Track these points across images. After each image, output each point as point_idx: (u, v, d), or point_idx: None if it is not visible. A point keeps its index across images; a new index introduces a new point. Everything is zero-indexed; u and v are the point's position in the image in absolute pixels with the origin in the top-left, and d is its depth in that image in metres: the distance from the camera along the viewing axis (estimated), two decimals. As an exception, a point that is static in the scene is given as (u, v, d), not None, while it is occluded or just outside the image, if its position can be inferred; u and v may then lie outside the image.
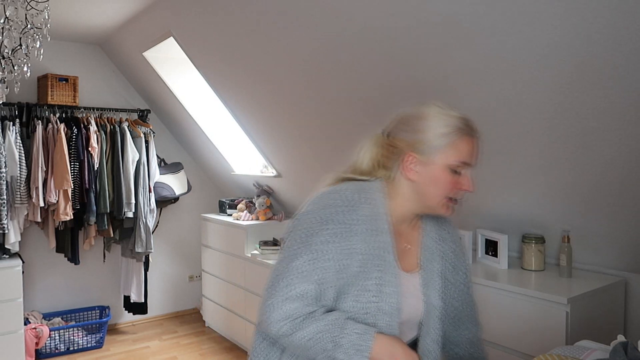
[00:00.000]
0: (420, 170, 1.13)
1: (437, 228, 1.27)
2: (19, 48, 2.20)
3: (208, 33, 2.83)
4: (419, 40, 1.92)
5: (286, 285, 1.08)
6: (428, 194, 1.14)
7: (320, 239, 1.09)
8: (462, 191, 1.14)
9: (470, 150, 1.12)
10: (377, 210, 1.14)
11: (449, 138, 1.10)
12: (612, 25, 1.43)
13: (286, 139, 3.20)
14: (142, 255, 3.94)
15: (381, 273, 1.11)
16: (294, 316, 1.07)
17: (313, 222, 1.12)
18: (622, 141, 1.72)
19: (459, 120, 1.12)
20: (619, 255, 2.11)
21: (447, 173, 1.11)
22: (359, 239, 1.10)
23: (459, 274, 1.28)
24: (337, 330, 1.05)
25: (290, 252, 1.11)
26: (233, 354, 3.77)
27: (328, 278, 1.09)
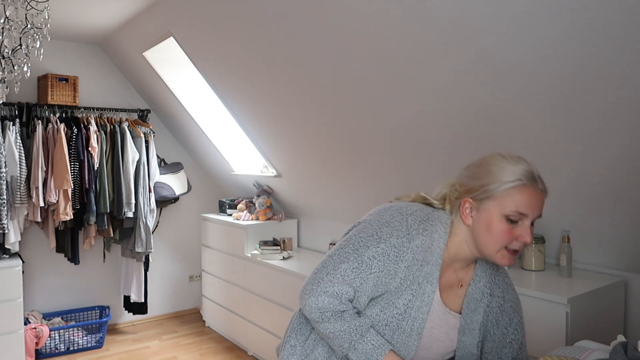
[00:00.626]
0: (475, 216, 1.15)
1: (490, 280, 1.26)
2: (19, 48, 2.20)
3: (208, 33, 2.83)
4: (418, 42, 1.92)
5: (329, 281, 1.17)
6: (482, 240, 1.14)
7: (370, 253, 1.16)
8: (518, 242, 1.11)
9: (528, 201, 1.09)
10: (432, 243, 1.17)
11: (506, 186, 1.10)
12: (613, 26, 1.43)
13: (286, 139, 3.20)
14: (142, 255, 3.94)
15: (413, 297, 1.17)
16: (326, 309, 1.17)
17: (370, 234, 1.18)
18: (622, 141, 1.72)
19: (521, 170, 1.10)
20: (619, 255, 2.11)
21: (502, 222, 1.10)
22: (404, 265, 1.16)
23: (507, 331, 1.26)
24: (357, 335, 1.16)
25: (343, 253, 1.19)
26: (233, 354, 3.77)
27: (365, 288, 1.16)
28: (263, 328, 3.47)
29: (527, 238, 1.10)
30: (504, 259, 1.13)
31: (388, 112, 2.36)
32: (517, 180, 1.09)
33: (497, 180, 1.10)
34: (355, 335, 1.15)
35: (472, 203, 1.14)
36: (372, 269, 1.15)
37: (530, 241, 1.11)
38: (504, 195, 1.09)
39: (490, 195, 1.11)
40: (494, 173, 1.12)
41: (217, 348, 3.88)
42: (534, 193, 1.10)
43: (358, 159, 2.82)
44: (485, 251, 1.14)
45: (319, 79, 2.51)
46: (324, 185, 3.29)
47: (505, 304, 1.26)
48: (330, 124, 2.74)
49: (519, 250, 1.13)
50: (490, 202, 1.11)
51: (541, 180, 1.12)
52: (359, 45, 2.14)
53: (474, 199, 1.14)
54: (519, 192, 1.09)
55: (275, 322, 3.34)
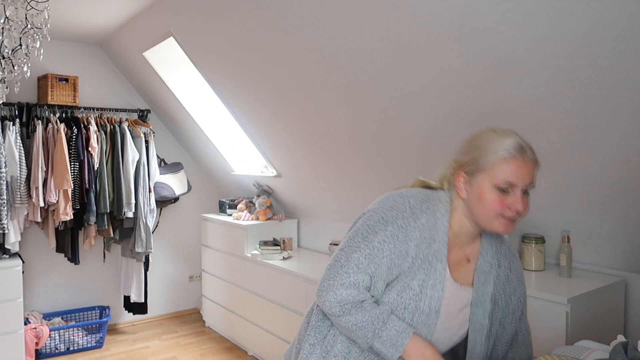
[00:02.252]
0: (469, 189, 1.20)
1: (496, 252, 1.31)
2: (19, 48, 2.20)
3: (208, 33, 2.83)
4: (418, 41, 1.92)
5: (344, 273, 1.20)
6: (477, 212, 1.19)
7: (379, 238, 1.19)
8: (511, 211, 1.15)
9: (516, 171, 1.14)
10: (436, 221, 1.22)
11: (495, 158, 1.14)
12: (611, 25, 1.43)
13: (286, 139, 3.20)
14: (142, 255, 3.94)
15: (426, 276, 1.20)
16: (346, 302, 1.20)
17: (377, 221, 1.22)
18: (622, 141, 1.72)
19: (509, 143, 1.15)
20: (619, 255, 2.11)
21: (493, 192, 1.15)
22: (413, 244, 1.19)
23: (511, 300, 1.31)
24: (379, 323, 1.18)
25: (353, 244, 1.22)
26: (233, 354, 3.77)
27: (380, 272, 1.19)
28: (263, 328, 3.47)
29: (519, 206, 1.14)
30: (502, 225, 1.17)
31: (389, 112, 2.36)
32: (505, 151, 1.14)
33: (486, 153, 1.16)
34: (378, 323, 1.17)
35: (465, 177, 1.20)
36: (384, 253, 1.18)
37: (522, 209, 1.15)
38: (493, 166, 1.14)
39: (481, 168, 1.16)
40: (484, 147, 1.17)
41: (217, 348, 3.88)
42: (522, 163, 1.14)
43: (358, 159, 2.82)
44: (481, 222, 1.19)
45: (320, 78, 2.51)
46: (324, 185, 3.29)
47: (511, 274, 1.32)
48: (331, 123, 2.74)
49: (514, 218, 1.16)
50: (481, 175, 1.16)
51: (531, 151, 1.17)
52: (362, 45, 2.14)
53: (467, 172, 1.19)
54: (507, 163, 1.14)
55: (276, 322, 3.34)
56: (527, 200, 1.17)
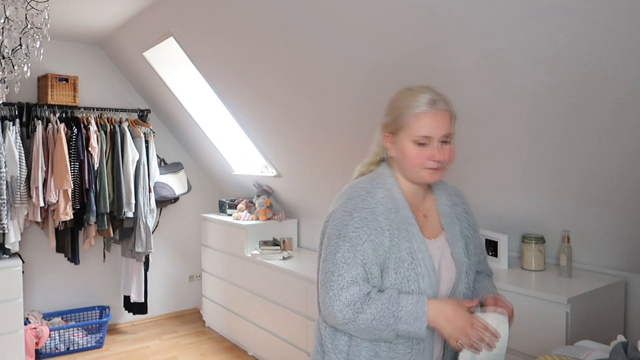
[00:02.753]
0: (395, 147, 1.29)
1: (447, 195, 1.40)
2: (19, 48, 2.20)
3: (208, 33, 2.83)
4: (417, 40, 1.92)
5: (338, 276, 1.21)
6: (404, 166, 1.28)
7: (351, 227, 1.22)
8: (432, 162, 1.23)
9: (429, 124, 1.22)
10: (390, 191, 1.28)
11: (409, 114, 1.23)
12: (610, 25, 1.43)
13: (286, 139, 3.20)
14: (142, 255, 3.94)
15: (409, 243, 1.23)
16: (354, 301, 1.19)
17: (342, 215, 1.25)
18: (622, 141, 1.72)
19: (421, 99, 1.23)
20: (619, 255, 2.11)
21: (412, 146, 1.24)
22: (383, 218, 1.23)
23: (473, 228, 1.41)
24: (394, 305, 1.18)
25: (331, 247, 1.25)
26: (233, 354, 3.77)
27: (369, 257, 1.21)
28: (263, 328, 3.47)
29: (438, 156, 1.22)
30: (428, 175, 1.25)
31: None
32: (417, 108, 1.22)
33: (402, 111, 1.25)
34: (393, 305, 1.17)
35: (390, 137, 1.29)
36: (362, 237, 1.21)
37: (442, 158, 1.23)
38: (409, 123, 1.23)
39: (400, 127, 1.25)
40: (400, 106, 1.26)
41: (217, 348, 3.88)
42: (434, 116, 1.22)
43: (358, 159, 2.82)
44: (410, 175, 1.28)
45: (321, 78, 2.51)
46: (324, 185, 3.29)
47: (468, 208, 1.43)
48: (331, 123, 2.74)
49: (438, 168, 1.24)
50: (401, 132, 1.25)
51: (444, 103, 1.24)
52: (362, 45, 2.14)
53: (391, 132, 1.28)
54: (420, 118, 1.22)
55: (276, 322, 3.34)
56: (449, 148, 1.25)
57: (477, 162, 2.24)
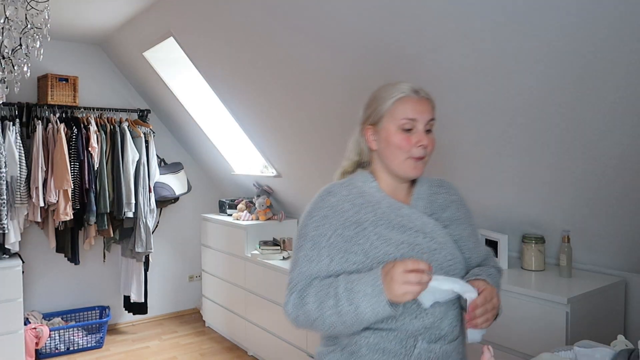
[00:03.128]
0: (377, 138, 1.24)
1: (429, 186, 1.32)
2: (19, 48, 2.20)
3: (208, 33, 2.83)
4: (415, 41, 1.92)
5: (298, 274, 1.20)
6: (388, 158, 1.23)
7: (311, 227, 1.21)
8: (418, 148, 1.19)
9: (413, 107, 1.19)
10: (362, 188, 1.25)
11: (392, 101, 1.21)
12: (612, 26, 1.43)
13: (286, 139, 3.20)
14: (142, 255, 3.94)
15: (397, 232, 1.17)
16: (301, 294, 1.17)
17: (303, 218, 1.25)
18: (622, 141, 1.72)
19: (402, 86, 1.22)
20: (619, 255, 2.11)
21: (399, 133, 1.20)
22: (352, 213, 1.19)
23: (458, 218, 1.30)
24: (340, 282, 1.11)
25: (294, 250, 1.25)
26: (233, 354, 3.77)
27: (339, 248, 1.17)
28: (263, 328, 3.47)
29: (424, 140, 1.19)
30: (411, 168, 1.21)
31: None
32: (399, 93, 1.21)
33: (384, 99, 1.22)
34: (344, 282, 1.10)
35: (372, 128, 1.25)
36: (327, 233, 1.18)
37: (426, 142, 1.19)
38: (393, 108, 1.20)
39: (382, 115, 1.22)
40: (382, 96, 1.24)
41: (217, 348, 3.88)
42: (417, 100, 1.20)
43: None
44: (393, 166, 1.22)
45: (320, 78, 2.51)
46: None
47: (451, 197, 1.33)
48: (331, 123, 2.74)
49: (423, 157, 1.20)
50: (384, 120, 1.22)
51: (424, 91, 1.23)
52: (362, 45, 2.14)
53: (372, 124, 1.25)
54: (403, 102, 1.20)
55: (276, 322, 3.34)
56: (431, 137, 1.22)
57: (477, 162, 2.24)
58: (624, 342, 1.43)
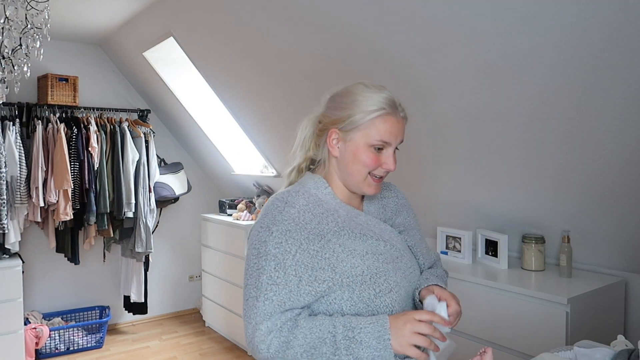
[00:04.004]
0: (342, 146, 1.15)
1: (380, 196, 1.28)
2: (19, 48, 2.20)
3: (208, 33, 2.83)
4: (413, 43, 1.92)
5: (264, 301, 1.04)
6: (349, 170, 1.15)
7: (272, 243, 1.07)
8: (382, 169, 1.14)
9: (391, 130, 1.12)
10: (318, 196, 1.16)
11: (371, 116, 1.11)
12: (608, 25, 1.43)
13: (286, 138, 3.20)
14: (142, 255, 3.94)
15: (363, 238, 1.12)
16: (279, 328, 1.03)
17: (259, 233, 1.10)
18: (622, 141, 1.72)
19: (383, 99, 1.12)
20: (619, 255, 2.11)
21: (368, 151, 1.12)
22: (314, 224, 1.09)
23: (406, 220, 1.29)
24: (342, 328, 1.01)
25: (252, 271, 1.08)
26: (233, 354, 3.77)
27: (307, 266, 1.06)
28: (263, 328, 3.47)
29: (391, 165, 1.14)
30: (370, 187, 1.15)
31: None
32: (380, 109, 1.11)
33: (361, 110, 1.12)
34: (340, 328, 1.01)
35: (339, 133, 1.15)
36: (291, 250, 1.06)
37: (394, 168, 1.14)
38: (369, 125, 1.11)
39: (356, 126, 1.12)
40: (359, 102, 1.12)
41: (217, 348, 3.88)
42: (396, 121, 1.13)
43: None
44: (352, 181, 1.16)
45: (320, 78, 2.51)
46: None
47: (397, 199, 1.30)
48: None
49: (383, 177, 1.16)
50: (356, 133, 1.12)
51: (402, 108, 1.15)
52: (362, 45, 2.14)
53: (341, 130, 1.14)
54: (382, 121, 1.11)
55: (275, 322, 3.34)
56: (395, 157, 1.15)
57: (476, 163, 2.24)
58: (624, 342, 1.43)
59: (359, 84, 1.17)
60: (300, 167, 1.25)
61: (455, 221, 2.61)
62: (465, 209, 2.51)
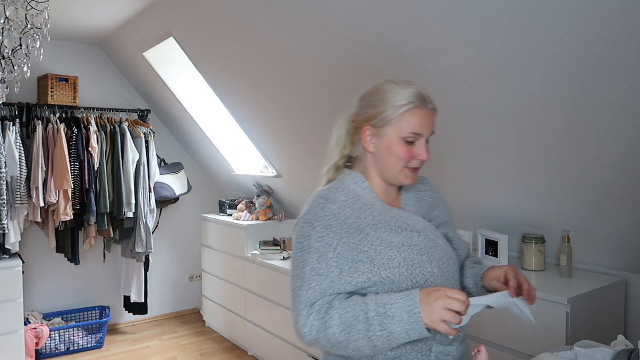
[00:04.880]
0: (376, 142, 1.21)
1: (416, 189, 1.33)
2: (19, 48, 2.20)
3: (208, 33, 2.83)
4: (416, 42, 1.92)
5: (308, 290, 1.12)
6: (385, 163, 1.21)
7: (315, 236, 1.14)
8: (417, 160, 1.19)
9: (421, 122, 1.17)
10: (356, 191, 1.22)
11: (401, 110, 1.17)
12: (607, 25, 1.43)
13: (286, 139, 3.20)
14: (142, 255, 3.94)
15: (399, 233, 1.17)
16: (320, 314, 1.09)
17: (303, 227, 1.18)
18: (622, 141, 1.72)
19: (411, 93, 1.18)
20: (619, 255, 2.11)
21: (401, 144, 1.18)
22: (354, 219, 1.16)
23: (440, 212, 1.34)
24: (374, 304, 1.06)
25: (297, 263, 1.16)
26: (233, 354, 3.77)
27: (348, 258, 1.12)
28: (263, 328, 3.47)
29: (424, 155, 1.19)
30: (407, 178, 1.21)
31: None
32: (409, 103, 1.17)
33: (391, 105, 1.17)
34: (372, 305, 1.06)
35: (372, 130, 1.21)
36: (332, 243, 1.13)
37: (427, 158, 1.19)
38: (400, 119, 1.17)
39: (388, 122, 1.18)
40: (388, 99, 1.18)
41: (217, 348, 3.88)
42: (425, 113, 1.18)
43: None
44: (389, 174, 1.22)
45: (320, 79, 2.51)
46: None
47: (434, 194, 1.36)
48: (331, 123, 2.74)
49: (418, 167, 1.21)
50: (388, 128, 1.18)
51: (430, 100, 1.20)
52: (362, 48, 2.14)
53: (374, 126, 1.20)
54: (412, 114, 1.17)
55: (276, 322, 3.34)
56: (428, 148, 1.20)
57: (476, 162, 2.24)
58: (624, 342, 1.43)
59: (387, 81, 1.22)
60: (337, 165, 1.30)
61: (455, 221, 2.61)
62: (465, 209, 2.51)
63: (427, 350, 1.13)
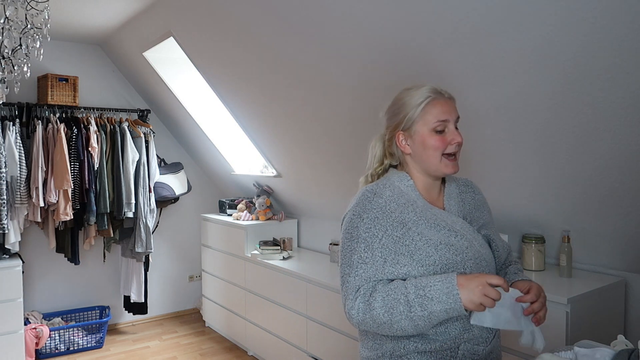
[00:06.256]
0: (411, 143, 1.30)
1: (457, 185, 1.41)
2: (19, 48, 2.20)
3: (208, 33, 2.83)
4: (420, 41, 1.92)
5: (355, 277, 1.22)
6: (424, 158, 1.29)
7: (362, 228, 1.24)
8: (452, 145, 1.27)
9: (443, 109, 1.26)
10: (400, 188, 1.30)
11: (421, 107, 1.27)
12: (611, 25, 1.43)
13: (286, 139, 3.20)
14: (142, 255, 3.94)
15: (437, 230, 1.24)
16: (366, 298, 1.19)
17: (352, 219, 1.27)
18: (622, 141, 1.72)
19: (426, 90, 1.28)
20: (619, 255, 2.11)
21: (433, 135, 1.26)
22: (398, 213, 1.24)
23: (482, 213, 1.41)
24: (413, 287, 1.15)
25: (346, 252, 1.26)
26: (233, 354, 3.77)
27: (391, 250, 1.21)
28: (263, 328, 3.47)
29: (458, 138, 1.27)
30: (448, 167, 1.28)
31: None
32: (427, 97, 1.27)
33: (412, 106, 1.28)
34: (412, 287, 1.15)
35: (404, 134, 1.31)
36: (377, 234, 1.22)
37: (461, 140, 1.27)
38: (423, 114, 1.27)
39: (414, 120, 1.28)
40: (407, 102, 1.29)
41: (217, 348, 3.88)
42: (444, 102, 1.28)
43: (358, 158, 2.82)
44: (430, 167, 1.29)
45: (320, 79, 2.51)
46: (324, 185, 3.29)
47: (476, 195, 1.44)
48: (330, 123, 2.74)
49: (455, 153, 1.28)
50: (416, 125, 1.28)
51: (445, 91, 1.30)
52: (363, 47, 2.14)
53: (404, 129, 1.30)
54: (432, 106, 1.26)
55: (276, 322, 3.34)
56: (459, 131, 1.29)
57: (476, 162, 2.24)
58: (624, 342, 1.43)
59: (402, 90, 1.33)
60: (375, 174, 1.39)
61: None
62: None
63: (455, 348, 1.21)
